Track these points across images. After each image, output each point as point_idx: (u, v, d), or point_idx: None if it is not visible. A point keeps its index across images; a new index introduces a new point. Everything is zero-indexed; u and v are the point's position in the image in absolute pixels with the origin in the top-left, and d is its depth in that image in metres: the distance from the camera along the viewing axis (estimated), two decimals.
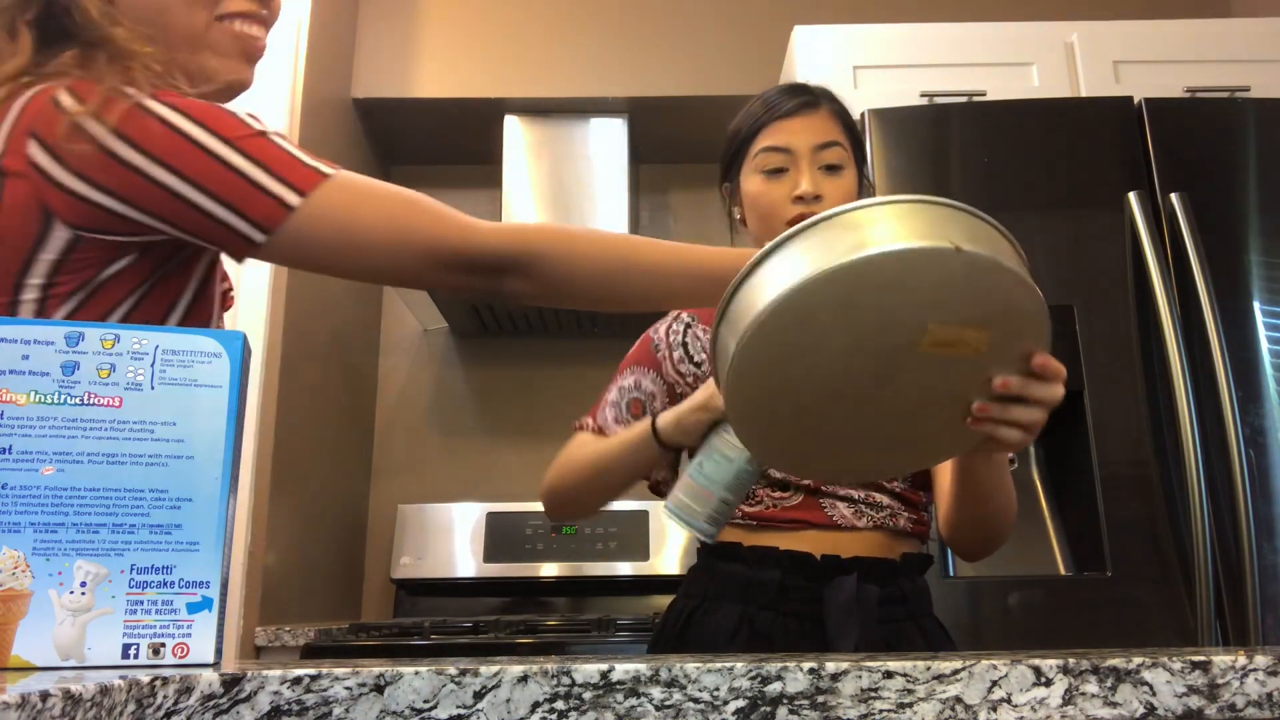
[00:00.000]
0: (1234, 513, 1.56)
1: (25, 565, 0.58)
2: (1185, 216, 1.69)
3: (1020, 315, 0.75)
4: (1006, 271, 0.71)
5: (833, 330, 0.72)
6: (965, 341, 0.74)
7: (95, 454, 0.61)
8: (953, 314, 0.72)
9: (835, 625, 1.04)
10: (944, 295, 0.71)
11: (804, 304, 0.70)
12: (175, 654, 0.60)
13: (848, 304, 0.70)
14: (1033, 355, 0.78)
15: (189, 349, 0.64)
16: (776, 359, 0.74)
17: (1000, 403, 0.79)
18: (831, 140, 1.14)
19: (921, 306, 0.71)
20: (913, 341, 0.73)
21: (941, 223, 0.71)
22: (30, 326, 0.61)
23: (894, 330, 0.72)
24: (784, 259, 0.72)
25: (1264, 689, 0.52)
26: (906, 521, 1.14)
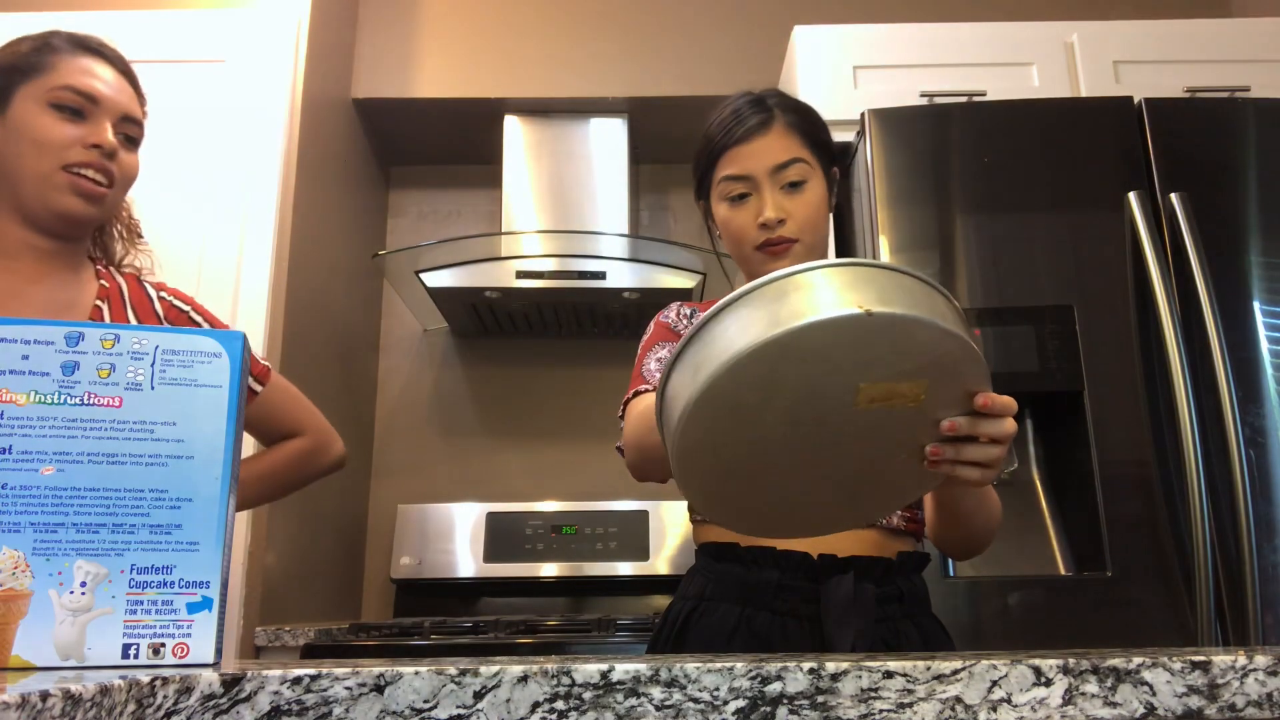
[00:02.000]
0: (1234, 513, 1.56)
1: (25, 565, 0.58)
2: (1185, 216, 1.69)
3: (952, 362, 0.74)
4: (925, 326, 0.70)
5: (764, 407, 0.72)
6: (901, 394, 0.74)
7: (95, 454, 0.61)
8: (881, 373, 0.72)
9: (833, 624, 1.04)
10: (867, 357, 0.71)
11: (726, 389, 0.70)
12: (175, 654, 0.60)
13: (772, 380, 0.70)
14: (976, 395, 0.78)
15: (189, 349, 0.64)
16: (715, 444, 0.74)
17: (953, 444, 0.80)
18: (790, 159, 1.14)
19: (847, 371, 0.71)
20: (846, 403, 0.73)
21: (853, 287, 0.70)
22: (30, 326, 0.61)
23: (825, 397, 0.72)
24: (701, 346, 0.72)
25: (1264, 689, 0.52)
26: (900, 520, 1.14)
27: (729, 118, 1.18)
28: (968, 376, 0.76)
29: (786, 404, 0.72)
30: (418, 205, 2.78)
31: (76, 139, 1.13)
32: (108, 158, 1.14)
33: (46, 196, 1.13)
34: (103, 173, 1.14)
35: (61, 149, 1.12)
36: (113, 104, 1.17)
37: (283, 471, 1.40)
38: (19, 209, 1.14)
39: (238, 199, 1.98)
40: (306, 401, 1.44)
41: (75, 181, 1.13)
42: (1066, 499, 1.73)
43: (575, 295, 2.29)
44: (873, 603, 1.06)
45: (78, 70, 1.16)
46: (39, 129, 1.12)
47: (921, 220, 1.76)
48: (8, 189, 1.14)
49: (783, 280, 0.71)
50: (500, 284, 2.24)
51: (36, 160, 1.12)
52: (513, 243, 2.29)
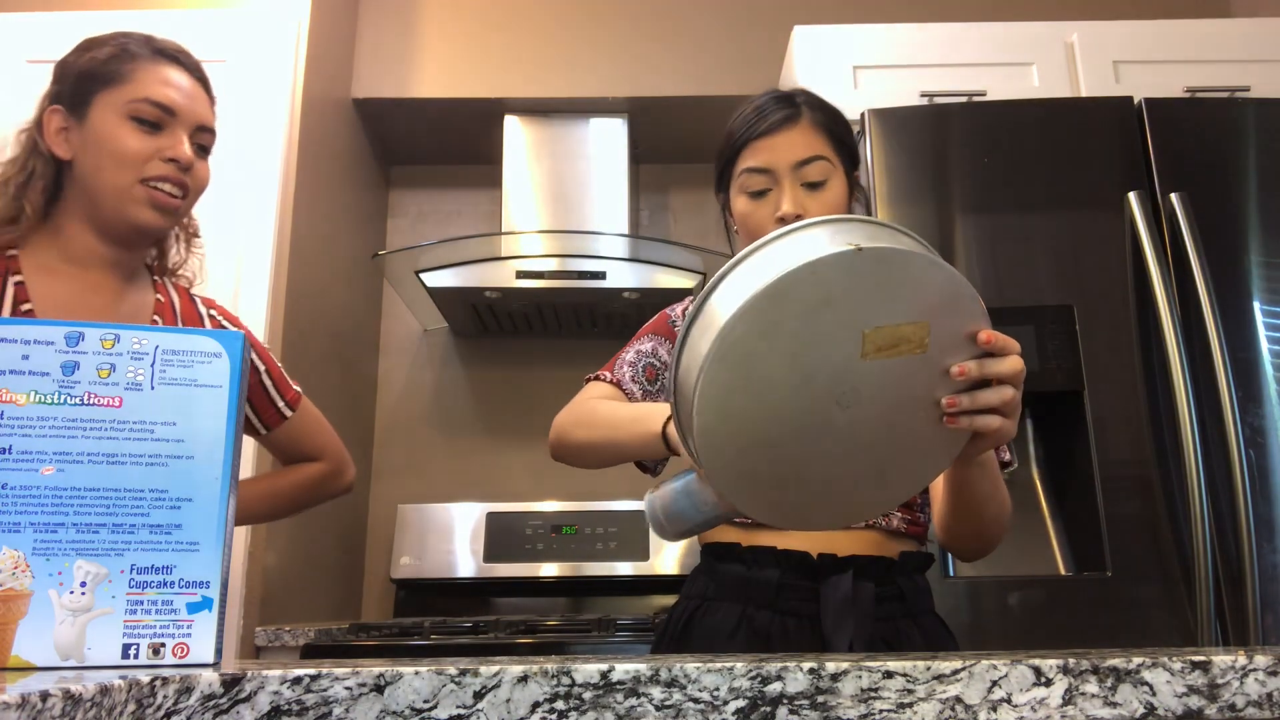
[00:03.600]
0: (1234, 513, 1.56)
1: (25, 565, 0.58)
2: (1185, 216, 1.69)
3: (950, 299, 0.75)
4: (917, 258, 0.71)
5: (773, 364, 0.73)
6: (906, 339, 0.74)
7: (95, 454, 0.61)
8: (882, 315, 0.72)
9: (831, 623, 1.05)
10: (865, 299, 0.72)
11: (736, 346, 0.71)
12: (175, 654, 0.60)
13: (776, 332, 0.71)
14: (978, 335, 0.78)
15: (189, 349, 0.64)
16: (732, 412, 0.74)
17: (968, 393, 0.80)
18: (813, 155, 1.13)
19: (849, 316, 0.72)
20: (854, 354, 0.73)
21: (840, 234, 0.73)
22: (30, 326, 0.61)
23: (831, 347, 0.73)
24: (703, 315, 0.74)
25: (1264, 689, 0.52)
26: (900, 522, 1.14)
27: (754, 111, 1.17)
28: (966, 317, 0.77)
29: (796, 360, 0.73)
30: (418, 205, 2.78)
31: (154, 151, 1.13)
32: (184, 170, 1.15)
33: (124, 209, 1.12)
34: (179, 185, 1.15)
35: (140, 162, 1.12)
36: (189, 114, 1.17)
37: (297, 493, 1.41)
38: (93, 219, 1.14)
39: (238, 199, 1.98)
40: (329, 426, 1.46)
41: (152, 195, 1.13)
42: (1066, 499, 1.73)
43: (575, 295, 2.29)
44: (871, 602, 1.06)
45: (157, 81, 1.15)
46: (118, 141, 1.12)
47: (921, 220, 1.76)
48: (84, 198, 1.14)
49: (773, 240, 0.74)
50: (500, 284, 2.24)
51: (115, 173, 1.12)
52: (513, 243, 2.29)
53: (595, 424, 1.14)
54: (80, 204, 1.14)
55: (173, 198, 1.14)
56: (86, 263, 1.16)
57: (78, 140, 1.13)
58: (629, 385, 1.21)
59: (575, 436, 1.17)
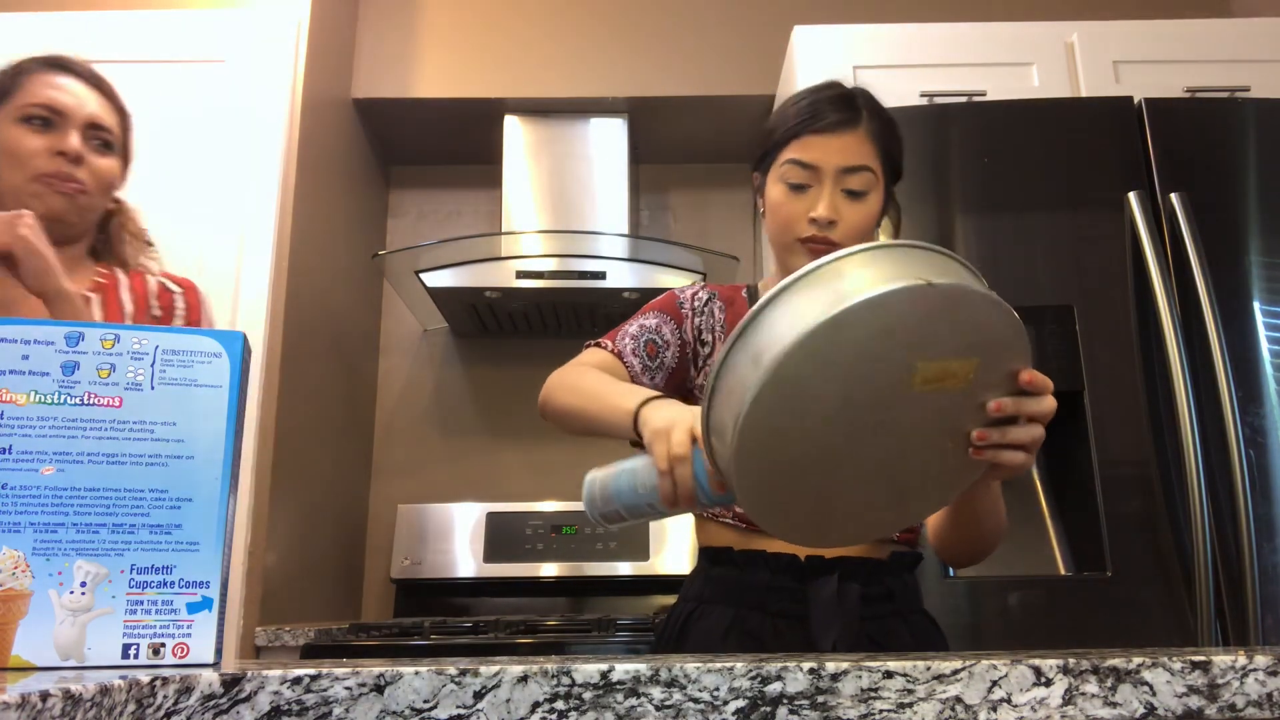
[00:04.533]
0: (1234, 513, 1.56)
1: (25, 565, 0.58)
2: (1185, 216, 1.69)
3: (1001, 337, 0.75)
4: (981, 297, 0.72)
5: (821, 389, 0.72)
6: (953, 374, 0.75)
7: (95, 454, 0.61)
8: (936, 350, 0.72)
9: (818, 623, 1.07)
10: (924, 332, 0.72)
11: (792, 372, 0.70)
12: (175, 654, 0.60)
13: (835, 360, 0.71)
14: (1019, 373, 0.79)
15: (189, 349, 0.64)
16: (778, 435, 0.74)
17: (998, 426, 0.81)
18: (860, 165, 1.11)
19: (905, 348, 0.72)
20: (902, 383, 0.73)
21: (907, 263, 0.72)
22: (30, 326, 0.61)
23: (882, 376, 0.73)
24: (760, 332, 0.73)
25: (1264, 689, 0.52)
26: None
27: (811, 104, 1.14)
28: (1013, 354, 0.78)
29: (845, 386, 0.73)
30: (418, 205, 2.78)
31: (44, 148, 1.22)
32: (74, 163, 1.23)
33: (26, 204, 1.20)
34: (70, 179, 1.23)
35: (31, 158, 1.21)
36: (77, 112, 1.24)
37: None
38: None
39: (238, 199, 1.98)
40: None
41: (47, 186, 1.22)
42: (1066, 499, 1.73)
43: (575, 295, 2.29)
44: (857, 602, 1.08)
45: (43, 85, 1.25)
46: (12, 143, 1.22)
47: (921, 220, 1.76)
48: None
49: (839, 261, 0.73)
50: (500, 284, 2.24)
51: (12, 172, 1.22)
52: (513, 243, 2.29)
53: (579, 390, 1.13)
54: None
55: (67, 182, 1.22)
56: None
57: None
58: (629, 358, 1.20)
59: (557, 399, 1.15)
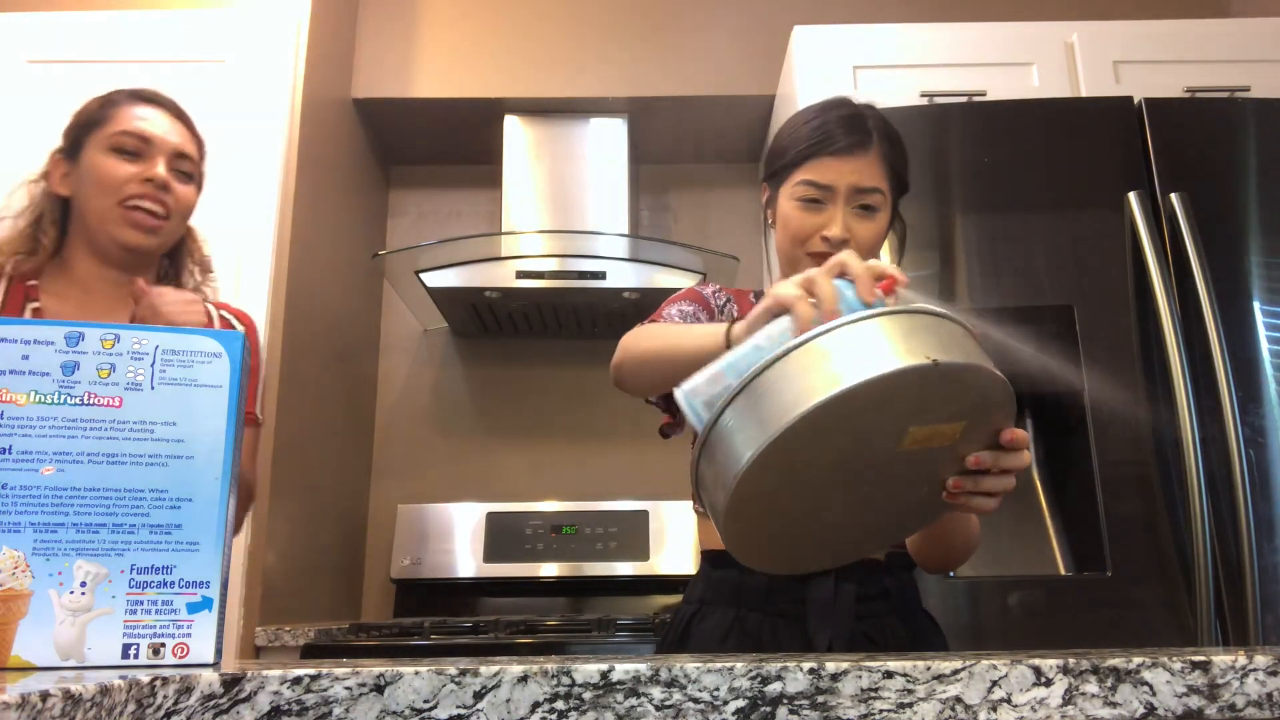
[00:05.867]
0: (1234, 513, 1.56)
1: (25, 565, 0.58)
2: (1185, 216, 1.69)
3: (991, 401, 0.78)
4: (980, 371, 0.74)
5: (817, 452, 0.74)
6: (941, 435, 0.78)
7: (95, 454, 0.61)
8: (930, 416, 0.75)
9: (814, 622, 1.09)
10: (922, 404, 0.74)
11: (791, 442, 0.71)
12: (175, 654, 0.60)
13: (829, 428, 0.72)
14: (1001, 431, 0.82)
15: (189, 349, 0.63)
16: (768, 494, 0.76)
17: (973, 476, 0.85)
18: (872, 186, 1.14)
19: (901, 417, 0.74)
20: (893, 445, 0.76)
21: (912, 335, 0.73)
22: (30, 326, 0.61)
23: (875, 442, 0.76)
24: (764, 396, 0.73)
25: (1264, 689, 0.52)
26: None
27: (820, 127, 1.16)
28: (998, 415, 0.81)
29: (838, 454, 0.76)
30: (418, 205, 2.78)
31: (133, 176, 1.27)
32: (160, 189, 1.28)
33: (109, 229, 1.27)
34: (158, 203, 1.28)
35: (120, 185, 1.27)
36: (164, 143, 1.30)
37: None
38: (91, 245, 1.30)
39: (238, 199, 1.97)
40: None
41: (130, 215, 1.27)
42: (1066, 499, 1.73)
43: (575, 295, 2.29)
44: (852, 602, 1.10)
45: (132, 117, 1.30)
46: (101, 170, 1.28)
47: (921, 220, 1.76)
48: (82, 228, 1.30)
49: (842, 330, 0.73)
50: (500, 284, 2.24)
51: (100, 198, 1.27)
52: (513, 243, 2.29)
53: (662, 335, 1.11)
54: (81, 235, 1.30)
55: (151, 215, 1.28)
56: (92, 286, 1.30)
57: (75, 179, 1.30)
58: None
59: (639, 347, 1.12)
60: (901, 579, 1.17)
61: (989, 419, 0.81)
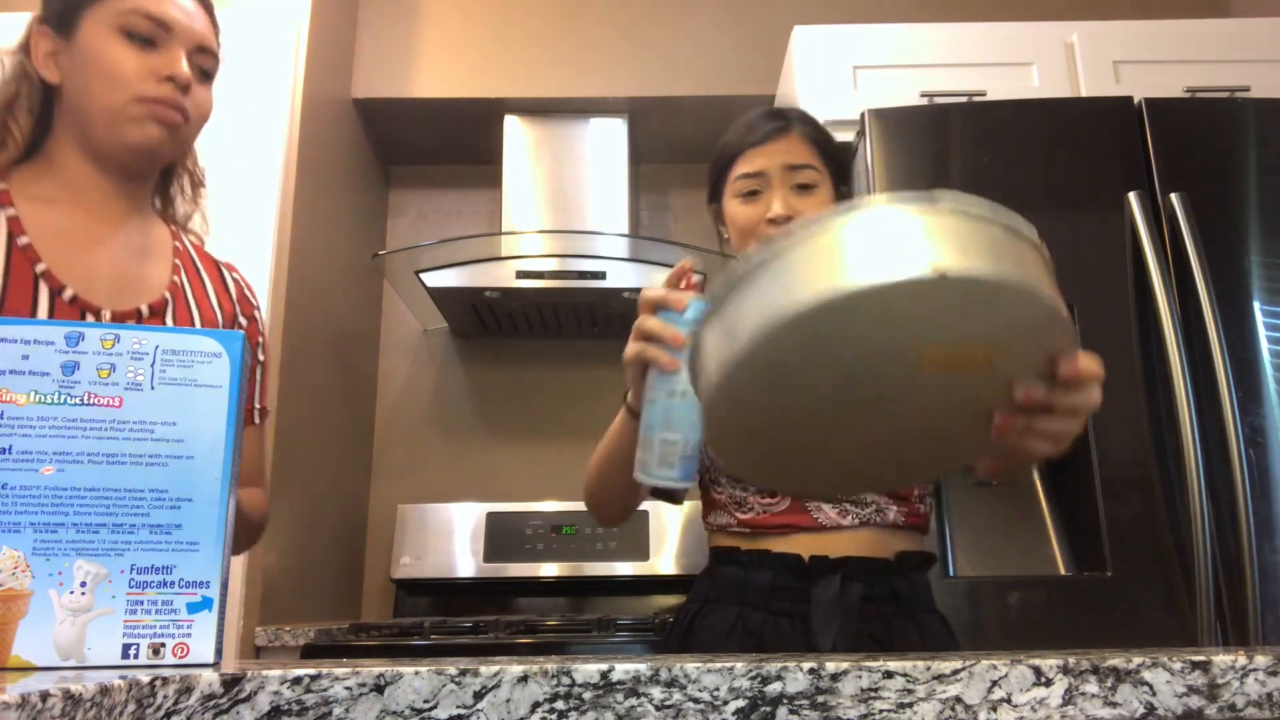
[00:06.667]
0: (1234, 513, 1.56)
1: (25, 565, 0.58)
2: (1185, 216, 1.69)
3: (1036, 328, 0.64)
4: (1007, 289, 0.59)
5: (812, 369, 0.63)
6: (972, 360, 0.64)
7: (95, 454, 0.61)
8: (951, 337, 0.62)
9: (818, 623, 1.08)
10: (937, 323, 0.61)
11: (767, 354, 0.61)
12: (175, 654, 0.60)
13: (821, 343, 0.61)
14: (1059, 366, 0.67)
15: (189, 349, 0.63)
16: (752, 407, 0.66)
17: (1026, 415, 0.70)
18: (803, 163, 1.17)
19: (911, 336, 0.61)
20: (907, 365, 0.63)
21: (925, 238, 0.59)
22: (30, 326, 0.61)
23: (884, 360, 0.63)
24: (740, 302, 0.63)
25: (1264, 689, 0.52)
26: (897, 515, 1.15)
27: (745, 125, 1.22)
28: (1049, 341, 0.66)
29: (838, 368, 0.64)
30: (418, 205, 2.78)
31: (149, 70, 1.02)
32: (182, 91, 1.04)
33: (119, 130, 1.02)
34: (176, 109, 1.04)
35: (132, 80, 1.01)
36: (187, 32, 1.06)
37: None
38: (87, 145, 1.05)
39: (237, 199, 1.97)
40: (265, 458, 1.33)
41: (152, 109, 1.02)
42: (1066, 499, 1.73)
43: (575, 295, 2.29)
44: (857, 602, 1.08)
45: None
46: (108, 59, 1.01)
47: None
48: (76, 124, 1.04)
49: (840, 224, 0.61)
50: (500, 284, 2.24)
51: (107, 93, 1.01)
52: (513, 243, 2.29)
53: (596, 452, 1.20)
54: (73, 131, 1.05)
55: (173, 111, 1.03)
56: (86, 192, 1.06)
57: (66, 62, 1.04)
58: None
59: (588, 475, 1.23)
60: (913, 579, 1.15)
61: (1040, 341, 0.65)
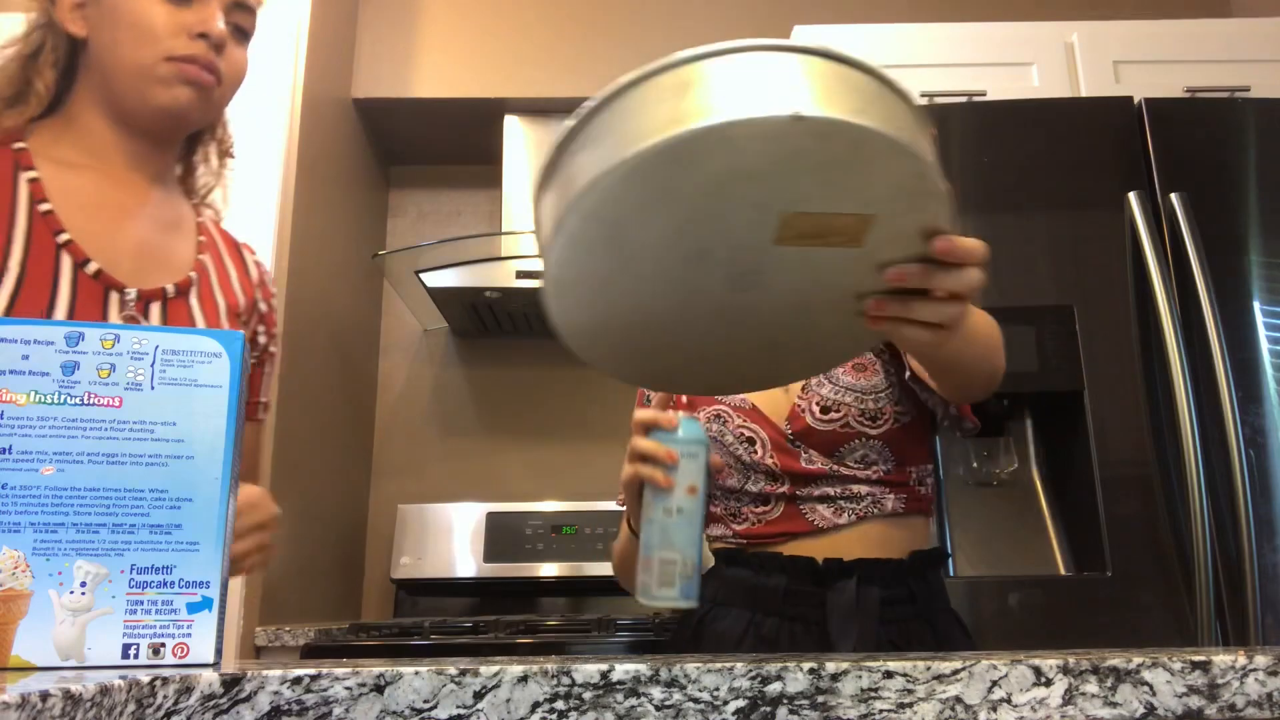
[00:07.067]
0: (1234, 513, 1.56)
1: (25, 565, 0.58)
2: (1185, 216, 1.69)
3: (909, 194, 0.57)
4: (875, 138, 0.52)
5: (657, 234, 0.57)
6: (838, 231, 0.57)
7: (95, 454, 0.61)
8: (815, 200, 0.55)
9: (836, 629, 1.05)
10: (795, 178, 0.54)
11: (604, 213, 0.55)
12: (175, 654, 0.60)
13: (666, 197, 0.54)
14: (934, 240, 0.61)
15: (189, 349, 0.63)
16: (596, 278, 0.60)
17: (900, 297, 0.64)
18: None
19: (768, 194, 0.55)
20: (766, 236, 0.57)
21: (783, 80, 0.52)
22: (30, 326, 0.61)
23: (737, 223, 0.57)
24: (580, 147, 0.57)
25: (1264, 689, 0.52)
26: (896, 503, 1.13)
27: None
28: (924, 211, 0.59)
29: (687, 232, 0.57)
30: (418, 205, 2.78)
31: (181, 26, 0.95)
32: (215, 50, 0.97)
33: (146, 90, 0.96)
34: (209, 69, 0.97)
35: (164, 37, 0.95)
36: None
37: None
38: (112, 105, 0.98)
39: (237, 199, 1.97)
40: None
41: (181, 69, 0.95)
42: (1066, 499, 1.73)
43: None
44: (876, 607, 1.06)
45: None
46: (138, 12, 0.95)
47: None
48: (101, 82, 0.98)
49: (688, 63, 0.53)
50: (500, 284, 2.24)
51: (135, 49, 0.95)
52: (513, 243, 2.29)
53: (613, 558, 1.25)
54: (97, 89, 0.98)
55: (205, 71, 0.97)
56: (108, 157, 0.99)
57: (94, 14, 0.97)
58: None
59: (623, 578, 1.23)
60: (927, 579, 1.14)
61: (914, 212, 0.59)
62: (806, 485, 1.12)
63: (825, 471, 1.12)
